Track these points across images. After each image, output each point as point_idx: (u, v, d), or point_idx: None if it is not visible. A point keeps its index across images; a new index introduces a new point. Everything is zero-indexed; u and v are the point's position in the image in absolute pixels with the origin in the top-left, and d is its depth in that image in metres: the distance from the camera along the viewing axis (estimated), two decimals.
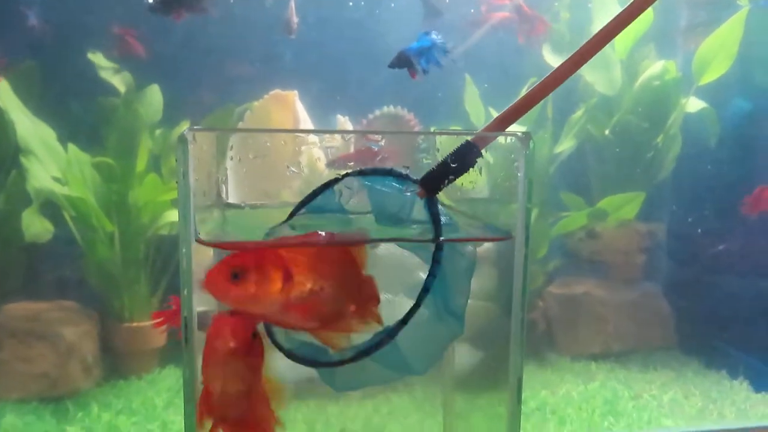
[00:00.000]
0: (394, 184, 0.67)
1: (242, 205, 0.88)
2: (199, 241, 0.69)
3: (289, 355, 0.65)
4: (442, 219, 0.66)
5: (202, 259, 0.70)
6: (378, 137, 0.75)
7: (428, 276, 0.63)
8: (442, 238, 0.65)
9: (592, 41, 0.72)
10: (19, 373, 1.77)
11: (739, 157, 2.22)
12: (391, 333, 0.62)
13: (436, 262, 0.64)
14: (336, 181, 0.68)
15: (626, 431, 1.68)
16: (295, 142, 0.82)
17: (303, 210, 0.72)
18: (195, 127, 0.69)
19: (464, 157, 0.67)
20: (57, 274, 1.98)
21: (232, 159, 0.88)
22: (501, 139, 0.79)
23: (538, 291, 2.23)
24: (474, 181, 0.85)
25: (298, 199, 0.84)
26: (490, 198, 0.83)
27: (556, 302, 2.22)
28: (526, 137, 0.76)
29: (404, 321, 0.62)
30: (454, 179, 0.67)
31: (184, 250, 0.68)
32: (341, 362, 0.62)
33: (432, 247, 0.65)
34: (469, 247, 0.70)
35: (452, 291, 0.67)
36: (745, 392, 1.94)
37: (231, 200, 0.90)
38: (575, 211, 2.24)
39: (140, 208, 1.93)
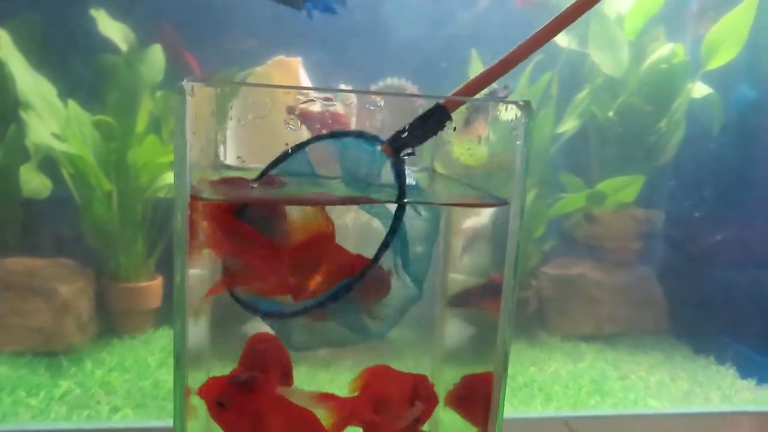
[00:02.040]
0: (364, 145, 0.67)
1: (239, 166, 0.88)
2: (194, 197, 0.68)
3: (244, 305, 0.66)
4: (410, 182, 0.66)
5: None
6: (379, 99, 0.74)
7: (388, 233, 0.63)
8: (410, 200, 0.65)
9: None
10: (14, 326, 1.79)
11: (741, 145, 2.21)
12: (347, 287, 0.62)
13: (397, 219, 0.64)
14: (307, 143, 0.68)
15: (612, 410, 1.70)
16: (295, 102, 0.81)
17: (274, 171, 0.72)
18: (194, 79, 0.68)
19: (432, 120, 0.67)
20: (54, 231, 1.98)
21: (231, 119, 0.88)
22: (501, 107, 0.79)
23: (533, 271, 2.24)
24: (471, 150, 0.85)
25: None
26: (488, 167, 0.83)
27: (549, 282, 2.23)
28: (527, 105, 0.76)
29: (361, 275, 0.62)
30: (422, 141, 0.68)
31: (179, 209, 0.67)
32: (294, 314, 0.63)
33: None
34: (433, 214, 0.70)
35: (412, 254, 0.67)
36: (731, 378, 1.96)
37: (228, 162, 0.90)
38: (574, 193, 2.23)
39: (139, 169, 1.92)
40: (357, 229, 0.76)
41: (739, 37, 2.03)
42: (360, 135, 0.67)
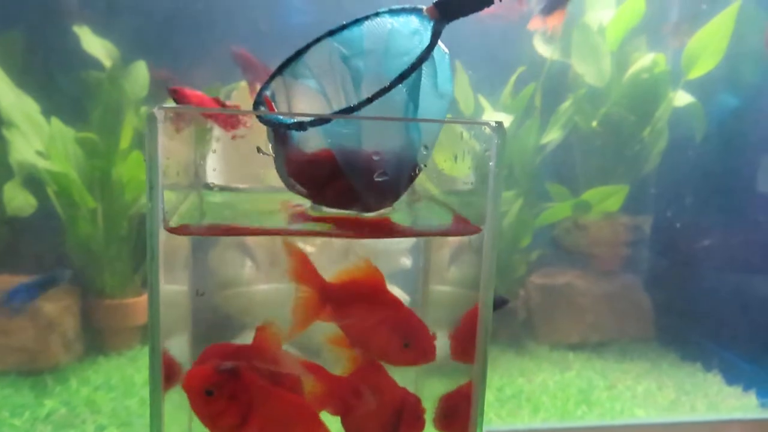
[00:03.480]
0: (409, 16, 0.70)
1: (213, 186, 0.88)
2: (169, 230, 0.68)
3: None
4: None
5: None
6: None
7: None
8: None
9: None
10: None
11: (724, 152, 2.23)
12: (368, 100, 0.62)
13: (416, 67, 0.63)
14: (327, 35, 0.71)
15: (599, 420, 1.70)
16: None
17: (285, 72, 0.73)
18: (165, 106, 0.68)
19: None
20: (39, 249, 1.97)
21: (211, 139, 0.88)
22: (474, 127, 0.80)
23: (520, 280, 2.25)
24: (449, 167, 0.85)
25: (278, 183, 0.84)
26: (463, 187, 0.83)
27: (537, 292, 2.23)
28: (499, 127, 0.76)
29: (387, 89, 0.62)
30: (470, 11, 0.69)
31: (151, 239, 0.67)
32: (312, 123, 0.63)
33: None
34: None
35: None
36: (717, 385, 1.97)
37: (210, 181, 0.90)
38: (560, 202, 2.24)
39: (124, 185, 1.92)
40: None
41: (719, 46, 2.06)
42: (405, 10, 0.70)
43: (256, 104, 0.73)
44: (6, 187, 1.83)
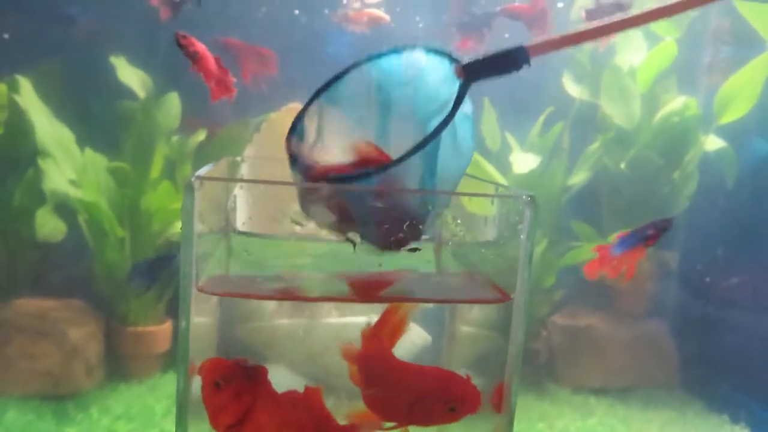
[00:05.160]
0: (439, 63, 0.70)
1: (247, 232, 0.89)
2: (200, 290, 0.69)
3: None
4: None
5: None
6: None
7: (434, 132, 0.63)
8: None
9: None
10: (23, 369, 1.80)
11: (755, 199, 2.19)
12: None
13: (436, 133, 0.63)
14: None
15: None
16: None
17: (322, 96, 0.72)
18: (202, 175, 0.70)
19: (512, 58, 0.68)
20: (66, 274, 2.00)
21: (241, 187, 0.89)
22: (505, 199, 0.80)
23: (543, 320, 2.22)
24: (482, 234, 0.85)
25: (304, 233, 0.85)
26: (494, 251, 0.83)
27: (559, 332, 2.20)
28: (531, 200, 0.76)
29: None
30: (494, 74, 0.69)
31: (184, 302, 0.68)
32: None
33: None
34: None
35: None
36: None
37: (239, 228, 0.91)
38: (586, 242, 2.22)
39: (152, 215, 1.95)
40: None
41: (752, 92, 2.03)
42: (441, 53, 0.69)
43: (294, 127, 0.73)
44: (38, 213, 1.87)
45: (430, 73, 0.72)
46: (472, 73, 0.68)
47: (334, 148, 0.74)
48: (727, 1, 1.86)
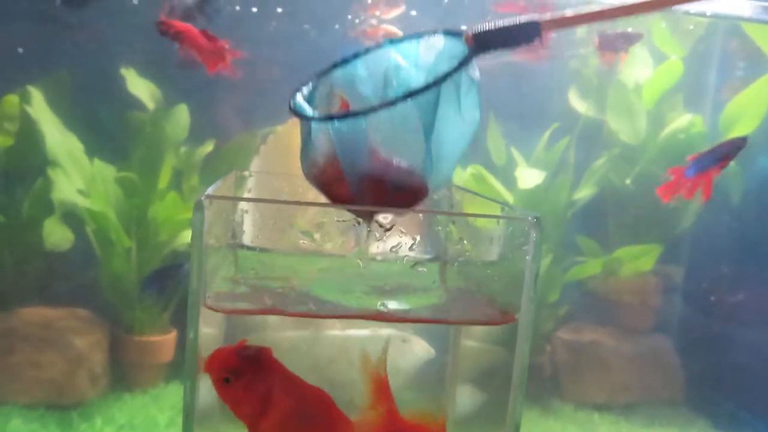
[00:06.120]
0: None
1: (254, 247, 0.90)
2: (208, 307, 0.70)
3: None
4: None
5: None
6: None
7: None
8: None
9: None
10: (28, 378, 1.81)
11: (761, 216, 2.19)
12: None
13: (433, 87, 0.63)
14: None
15: None
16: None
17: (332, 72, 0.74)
18: (211, 194, 0.71)
19: (524, 30, 0.68)
20: (73, 283, 2.01)
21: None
22: (511, 221, 0.80)
23: (547, 335, 2.22)
24: (487, 252, 0.86)
25: (311, 247, 0.85)
26: (499, 270, 0.83)
27: (564, 348, 2.20)
28: (537, 222, 0.77)
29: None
30: (504, 46, 0.69)
31: (192, 317, 0.68)
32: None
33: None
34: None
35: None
36: None
37: (246, 242, 0.92)
38: (591, 258, 2.22)
39: (159, 225, 1.96)
40: None
41: (758, 110, 2.04)
42: (458, 34, 0.69)
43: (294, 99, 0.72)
44: (46, 223, 1.88)
45: (448, 54, 0.72)
46: (481, 41, 0.68)
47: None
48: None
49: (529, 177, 2.08)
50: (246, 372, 0.60)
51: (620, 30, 1.82)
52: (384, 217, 0.74)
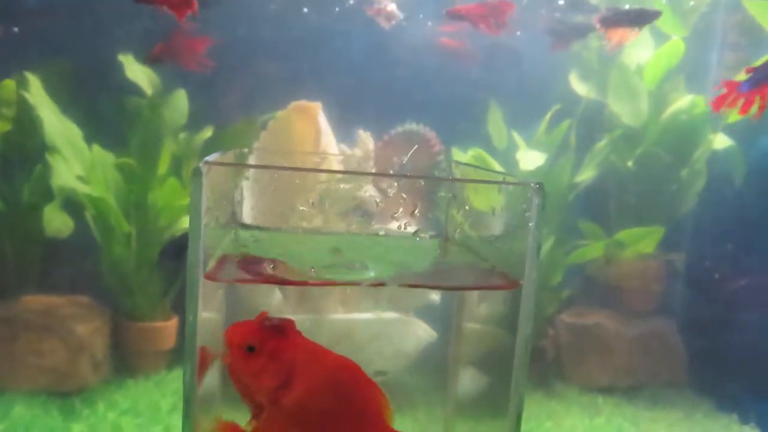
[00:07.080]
0: None
1: (253, 226, 0.89)
2: (207, 277, 0.69)
3: None
4: None
5: None
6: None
7: None
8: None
9: None
10: (30, 365, 1.81)
11: (763, 196, 2.17)
12: None
13: None
14: None
15: None
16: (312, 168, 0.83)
17: None
18: (210, 160, 0.69)
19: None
20: (73, 270, 2.01)
21: (248, 179, 0.89)
22: (513, 187, 0.79)
23: (550, 319, 2.21)
24: (487, 228, 0.85)
25: (310, 226, 0.85)
26: (502, 242, 0.82)
27: (567, 331, 2.19)
28: (540, 188, 0.76)
29: None
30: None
31: (191, 287, 0.67)
32: None
33: None
34: None
35: None
36: None
37: (246, 221, 0.91)
38: (593, 241, 2.21)
39: (158, 211, 1.95)
40: None
41: None
42: None
43: None
44: (46, 210, 1.88)
45: None
46: None
47: None
48: None
49: (530, 160, 2.07)
50: (270, 341, 0.58)
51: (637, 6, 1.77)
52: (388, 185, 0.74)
